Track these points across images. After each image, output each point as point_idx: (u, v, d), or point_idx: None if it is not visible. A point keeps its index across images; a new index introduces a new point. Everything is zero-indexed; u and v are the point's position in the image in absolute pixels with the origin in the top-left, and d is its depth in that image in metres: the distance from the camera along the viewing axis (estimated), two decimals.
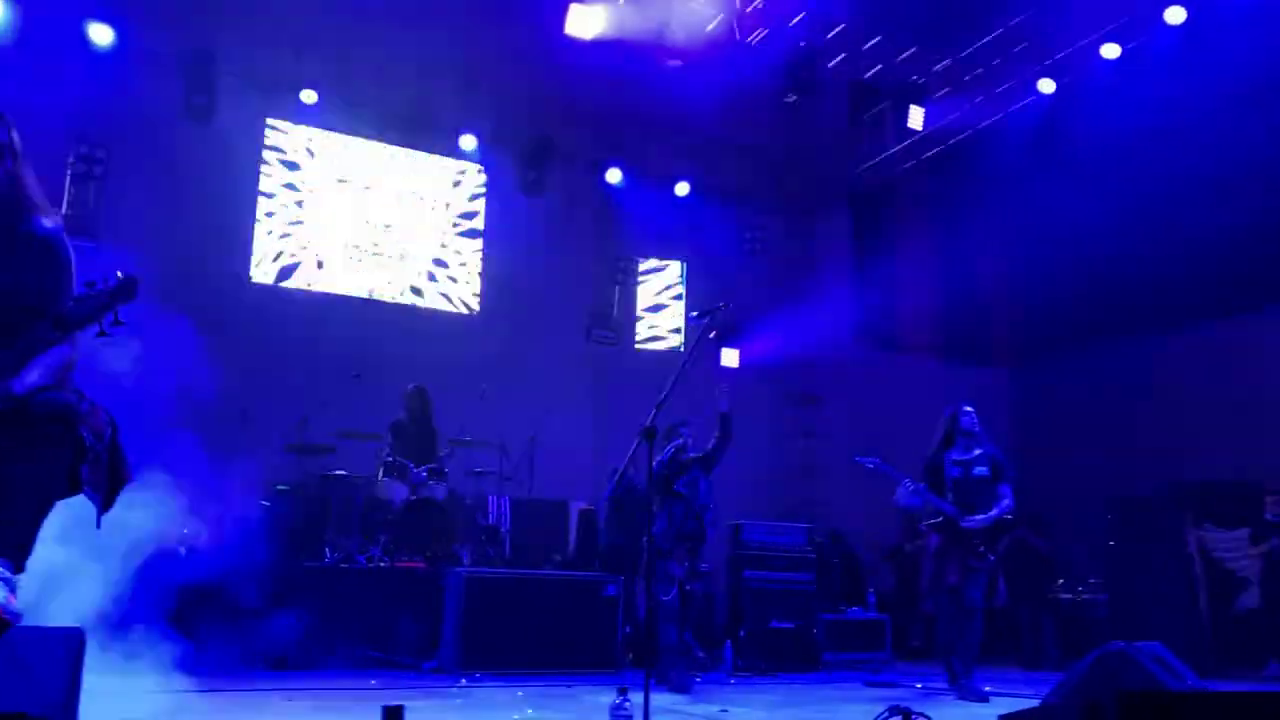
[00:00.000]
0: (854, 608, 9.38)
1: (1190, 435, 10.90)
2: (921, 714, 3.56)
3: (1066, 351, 13.43)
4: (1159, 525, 9.39)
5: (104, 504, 2.68)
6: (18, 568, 2.43)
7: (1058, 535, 10.30)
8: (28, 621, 2.35)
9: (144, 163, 9.43)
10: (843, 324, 12.80)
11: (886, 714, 3.56)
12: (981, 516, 6.48)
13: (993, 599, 7.16)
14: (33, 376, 2.59)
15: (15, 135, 2.80)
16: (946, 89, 11.03)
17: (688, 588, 6.44)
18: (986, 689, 6.27)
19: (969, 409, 6.85)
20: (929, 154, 11.66)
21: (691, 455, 6.61)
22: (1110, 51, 9.72)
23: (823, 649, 8.45)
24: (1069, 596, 10.06)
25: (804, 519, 11.31)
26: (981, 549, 6.45)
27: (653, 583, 6.19)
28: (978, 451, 6.70)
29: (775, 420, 12.89)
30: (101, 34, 9.24)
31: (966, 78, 10.92)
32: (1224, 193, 9.84)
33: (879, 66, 10.84)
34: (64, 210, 9.13)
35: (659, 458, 6.21)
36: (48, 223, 2.84)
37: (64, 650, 2.15)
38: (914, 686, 6.93)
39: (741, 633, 8.16)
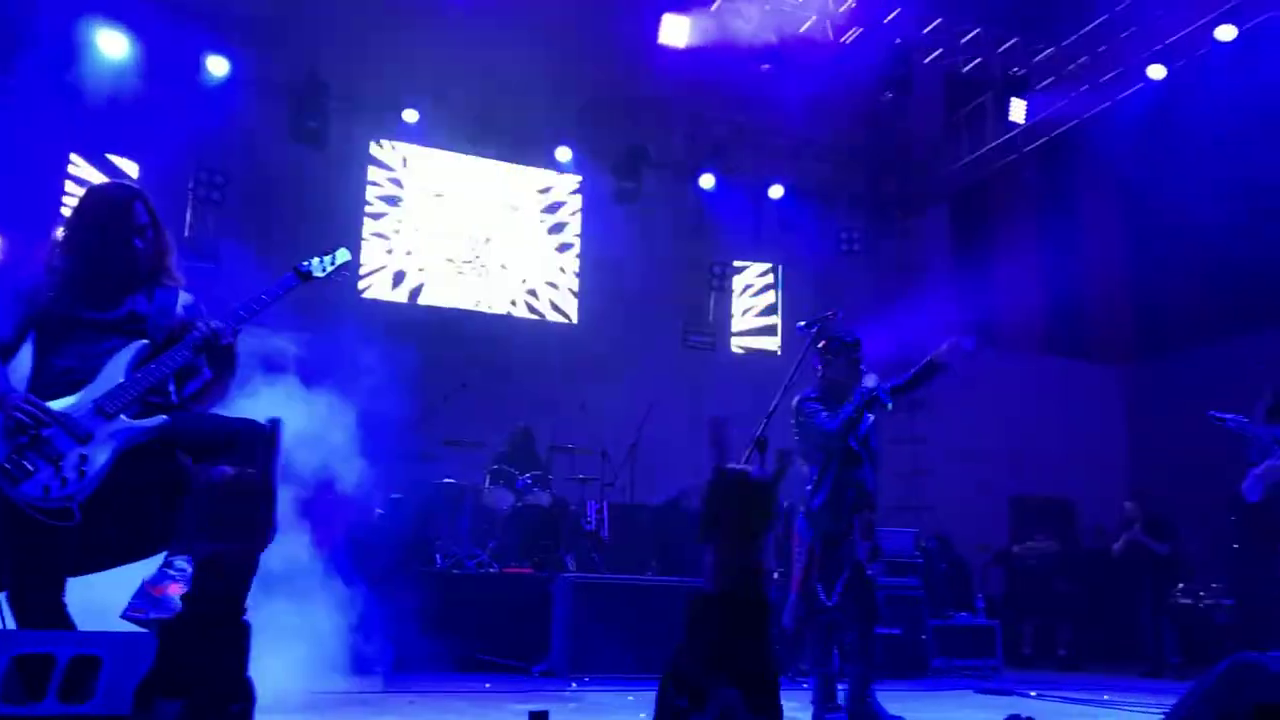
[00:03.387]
0: (962, 613, 9.18)
1: None
2: None
3: (1182, 347, 12.89)
4: None
5: None
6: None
7: (1178, 537, 9.90)
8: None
9: (258, 187, 9.90)
10: (944, 324, 12.55)
11: None
12: None
13: None
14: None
15: (151, 208, 3.07)
16: (1050, 79, 10.74)
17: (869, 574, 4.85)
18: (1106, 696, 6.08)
19: None
20: (1032, 147, 11.36)
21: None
22: (1226, 33, 9.32)
23: (931, 655, 8.30)
24: (1190, 601, 9.66)
25: (910, 523, 11.15)
26: None
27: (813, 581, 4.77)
28: None
29: (878, 424, 12.71)
30: (218, 66, 9.72)
31: (1070, 67, 10.62)
32: None
33: (977, 60, 10.61)
34: (185, 234, 9.66)
35: (855, 396, 4.92)
36: (185, 298, 3.16)
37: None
38: (1028, 695, 6.76)
39: (847, 639, 8.08)
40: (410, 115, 10.71)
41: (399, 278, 10.92)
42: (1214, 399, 12.04)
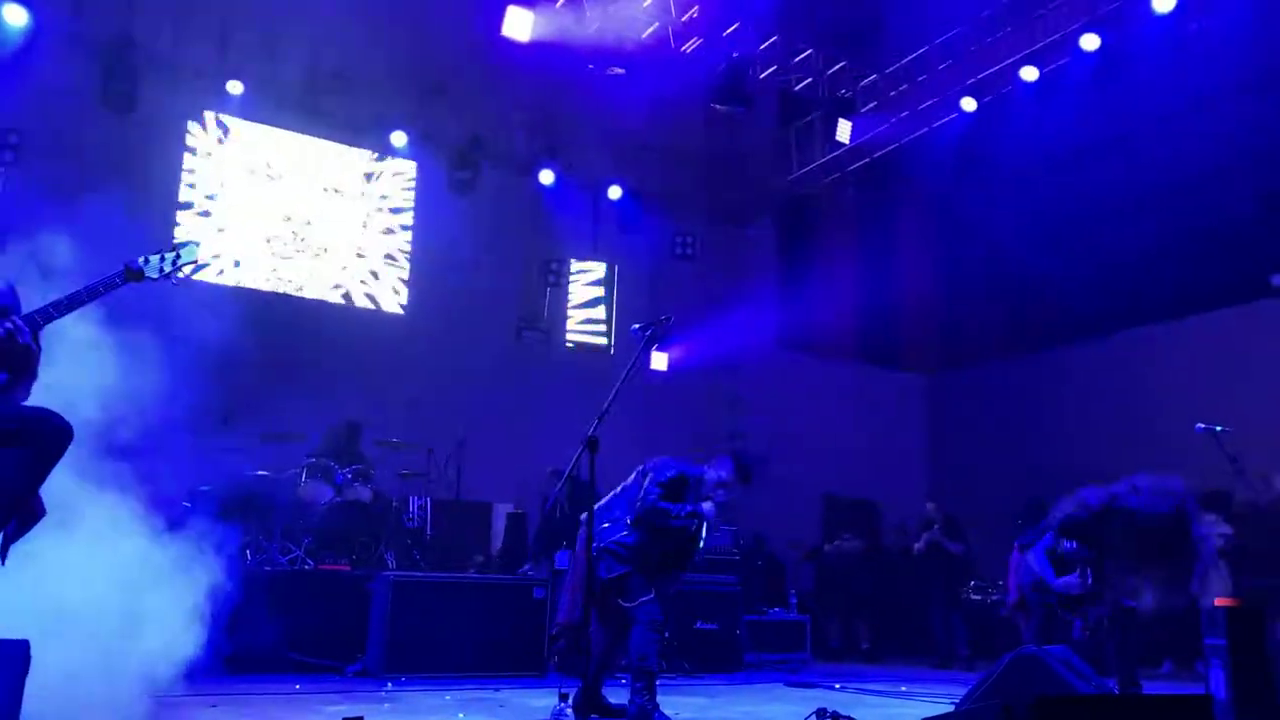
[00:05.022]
0: (775, 609, 9.56)
1: (1097, 442, 11.39)
2: (848, 716, 3.69)
3: (980, 361, 13.91)
4: None
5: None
6: None
7: (970, 538, 10.64)
8: None
9: (59, 151, 9.10)
10: (766, 329, 13.04)
11: (814, 716, 3.68)
12: None
13: None
14: None
15: None
16: (873, 104, 11.31)
17: None
18: (903, 688, 6.46)
19: None
20: (855, 166, 11.95)
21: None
22: (1029, 74, 10.11)
23: (745, 650, 8.59)
24: (979, 598, 10.42)
25: (728, 521, 11.46)
26: None
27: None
28: None
29: (700, 422, 13.05)
30: (15, 15, 8.91)
31: (892, 93, 11.21)
32: (1133, 212, 10.31)
33: (809, 79, 11.06)
34: None
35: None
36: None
37: (3, 663, 2.10)
38: (833, 687, 7.11)
39: (666, 634, 8.24)
40: (235, 87, 10.14)
41: (214, 258, 10.32)
42: (1006, 410, 13.08)
